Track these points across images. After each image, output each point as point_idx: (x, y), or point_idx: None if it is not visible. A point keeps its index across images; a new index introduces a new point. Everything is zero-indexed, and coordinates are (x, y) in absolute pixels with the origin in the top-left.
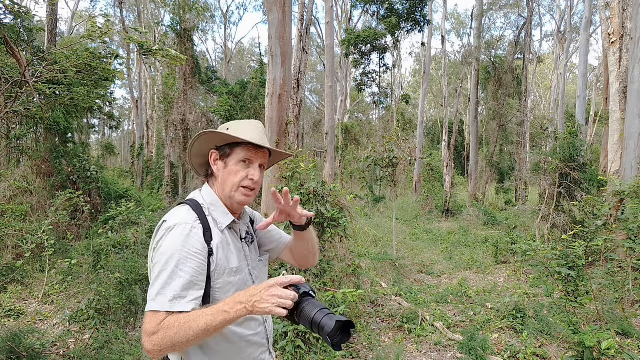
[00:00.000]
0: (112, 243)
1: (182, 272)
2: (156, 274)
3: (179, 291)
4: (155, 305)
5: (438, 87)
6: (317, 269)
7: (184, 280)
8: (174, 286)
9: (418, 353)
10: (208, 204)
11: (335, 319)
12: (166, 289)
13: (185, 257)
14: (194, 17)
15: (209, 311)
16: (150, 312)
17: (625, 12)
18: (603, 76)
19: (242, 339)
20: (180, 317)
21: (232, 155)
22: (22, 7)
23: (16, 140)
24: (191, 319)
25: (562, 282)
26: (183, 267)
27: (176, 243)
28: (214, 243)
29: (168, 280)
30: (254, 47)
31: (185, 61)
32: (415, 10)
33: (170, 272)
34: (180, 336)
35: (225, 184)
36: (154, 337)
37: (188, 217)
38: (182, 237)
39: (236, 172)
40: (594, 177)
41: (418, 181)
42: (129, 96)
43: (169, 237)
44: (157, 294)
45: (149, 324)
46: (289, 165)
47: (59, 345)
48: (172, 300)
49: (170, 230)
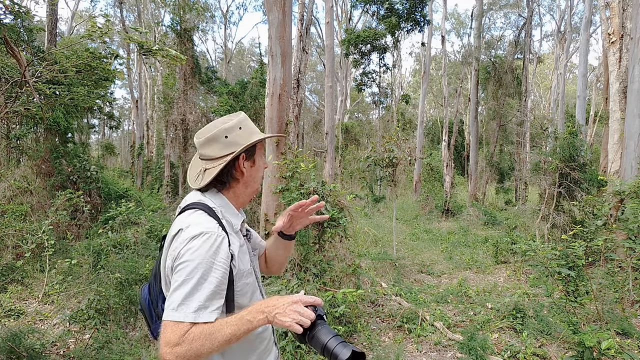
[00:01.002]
0: (112, 243)
1: (207, 283)
2: (178, 282)
3: (203, 301)
4: (178, 315)
5: (438, 87)
6: (317, 269)
7: (208, 290)
8: (198, 297)
9: (418, 353)
10: (219, 207)
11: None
12: (190, 300)
13: (212, 268)
14: (194, 17)
15: (232, 320)
16: (172, 322)
17: (625, 12)
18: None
19: (257, 336)
20: (204, 327)
21: (257, 152)
22: (22, 7)
23: (16, 140)
24: (216, 330)
25: (562, 282)
26: (208, 277)
27: (202, 252)
28: (233, 247)
29: (192, 291)
30: (254, 47)
31: (185, 61)
32: (415, 10)
33: (195, 283)
34: (205, 347)
35: (254, 180)
36: (178, 348)
37: (211, 224)
38: (207, 247)
39: (261, 166)
40: (594, 177)
41: (418, 181)
42: (129, 96)
43: (195, 246)
44: (180, 304)
45: (171, 335)
46: (289, 165)
47: (59, 345)
48: (197, 311)
49: (195, 239)
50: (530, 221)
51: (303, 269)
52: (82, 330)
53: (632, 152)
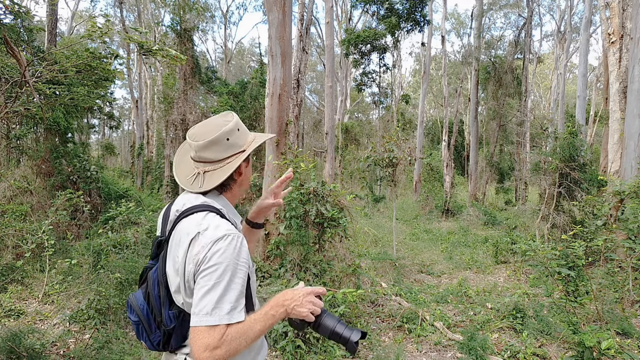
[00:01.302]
0: (112, 243)
1: (235, 285)
2: (209, 286)
3: (234, 302)
4: (214, 319)
5: (438, 87)
6: (317, 269)
7: (237, 291)
8: (229, 298)
9: (418, 353)
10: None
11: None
12: (223, 302)
13: (237, 269)
14: (194, 17)
15: (258, 317)
16: (208, 327)
17: (625, 12)
18: (603, 76)
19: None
20: (239, 327)
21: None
22: (22, 7)
23: (16, 140)
24: (247, 328)
25: (562, 282)
26: (236, 278)
27: (228, 255)
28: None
29: (224, 293)
30: (254, 47)
31: (185, 61)
32: (415, 10)
33: (226, 285)
34: (241, 346)
35: (247, 179)
36: (217, 351)
37: (229, 226)
38: (232, 248)
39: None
40: (594, 177)
41: (418, 181)
42: (129, 96)
43: (221, 249)
44: (214, 308)
45: (210, 339)
46: (289, 165)
47: (59, 345)
48: (230, 312)
49: (219, 241)
50: (530, 221)
51: (303, 269)
52: (82, 330)
53: (632, 152)
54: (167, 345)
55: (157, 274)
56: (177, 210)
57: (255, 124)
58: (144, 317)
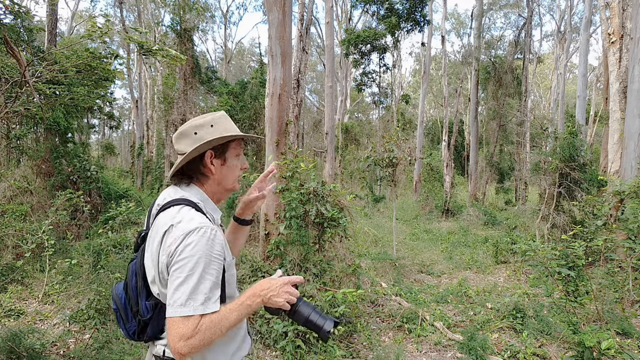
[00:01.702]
0: (112, 243)
1: (209, 276)
2: (182, 278)
3: (208, 293)
4: (187, 310)
5: (438, 87)
6: (317, 269)
7: (210, 282)
8: (202, 289)
9: (418, 353)
10: (201, 202)
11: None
12: (196, 293)
13: (211, 260)
14: (194, 17)
15: (233, 306)
16: (182, 317)
17: (625, 12)
18: (603, 76)
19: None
20: (213, 317)
21: (229, 152)
22: (22, 7)
23: (16, 140)
24: (222, 317)
25: (562, 282)
26: (209, 269)
27: (201, 247)
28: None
29: (197, 284)
30: (254, 47)
31: (185, 61)
32: (415, 10)
33: (199, 276)
34: (216, 335)
35: (226, 180)
36: (192, 340)
37: (203, 219)
38: (205, 241)
39: (235, 166)
40: (594, 177)
41: (418, 181)
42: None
43: (193, 241)
44: (188, 299)
45: (184, 329)
46: (289, 165)
47: (59, 345)
48: (204, 302)
49: (192, 234)
50: (530, 221)
51: (303, 269)
52: (82, 330)
53: (632, 152)
54: (142, 335)
55: (136, 265)
56: (158, 204)
57: (255, 124)
58: (121, 306)
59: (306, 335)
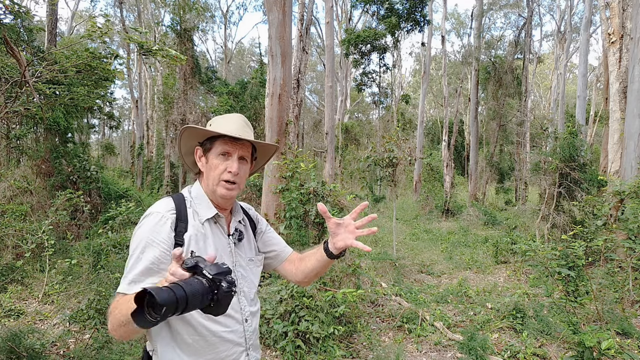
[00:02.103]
0: (112, 243)
1: (144, 259)
2: (127, 258)
3: (138, 276)
4: (120, 287)
5: (438, 87)
6: None
7: (143, 266)
8: (134, 271)
9: (418, 353)
10: (192, 197)
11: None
12: (129, 274)
13: (150, 245)
14: (194, 17)
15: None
16: (116, 294)
17: (625, 12)
18: (603, 76)
19: (214, 334)
20: (121, 299)
21: (212, 150)
22: (22, 7)
23: (16, 140)
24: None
25: (562, 282)
26: (146, 254)
27: (144, 230)
28: (186, 235)
29: (133, 265)
30: (254, 47)
31: (185, 61)
32: (415, 10)
33: (136, 258)
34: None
35: (208, 179)
36: (110, 317)
37: (163, 207)
38: (150, 226)
39: (216, 165)
40: (594, 177)
41: (418, 181)
42: (129, 96)
43: (141, 225)
44: (123, 277)
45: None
46: (289, 165)
47: (59, 345)
48: (130, 283)
49: (143, 219)
50: (530, 221)
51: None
52: (82, 330)
53: (632, 152)
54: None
55: None
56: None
57: (255, 124)
58: None
59: (306, 335)
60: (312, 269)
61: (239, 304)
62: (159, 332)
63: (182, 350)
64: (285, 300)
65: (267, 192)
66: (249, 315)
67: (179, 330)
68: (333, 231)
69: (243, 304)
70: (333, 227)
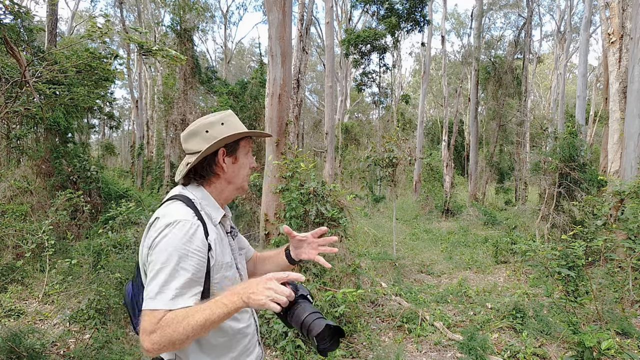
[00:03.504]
0: (112, 243)
1: (183, 271)
2: (155, 271)
3: (180, 289)
4: (156, 304)
5: (438, 87)
6: (317, 269)
7: (185, 278)
8: (175, 284)
9: (418, 353)
10: (199, 199)
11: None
12: (167, 287)
13: (187, 255)
14: (194, 17)
15: (206, 305)
16: (149, 310)
17: (625, 12)
18: (603, 76)
19: (239, 331)
20: (178, 313)
21: (240, 149)
22: (22, 7)
23: (16, 140)
24: (189, 315)
25: (562, 282)
26: (184, 265)
27: (176, 240)
28: (210, 238)
29: (169, 279)
30: (254, 47)
31: (185, 61)
32: (415, 10)
33: (171, 270)
34: (178, 333)
35: (236, 177)
36: (153, 335)
37: (187, 213)
38: (182, 234)
39: (246, 164)
40: (594, 177)
41: (418, 181)
42: (129, 96)
43: (170, 235)
44: (158, 292)
45: (148, 323)
46: (289, 165)
47: (59, 345)
48: (174, 298)
49: (170, 227)
50: (530, 221)
51: (303, 268)
52: (82, 330)
53: (632, 152)
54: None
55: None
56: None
57: (255, 124)
58: (128, 302)
59: None
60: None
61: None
62: None
63: (208, 354)
64: None
65: (267, 192)
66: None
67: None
68: (296, 245)
69: None
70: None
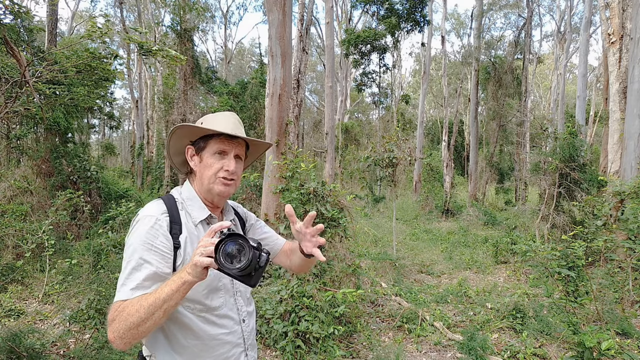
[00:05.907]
0: (112, 243)
1: (147, 264)
2: (123, 266)
3: (143, 281)
4: (119, 295)
5: (438, 87)
6: (317, 269)
7: (149, 271)
8: (138, 276)
9: (418, 353)
10: (184, 199)
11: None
12: (130, 279)
13: (150, 250)
14: (194, 17)
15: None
16: (114, 302)
17: (625, 12)
18: (603, 76)
19: (213, 337)
20: (134, 299)
21: (206, 149)
22: (22, 7)
23: (16, 140)
24: (143, 298)
25: (562, 282)
26: (148, 258)
27: (142, 235)
28: (182, 237)
29: (132, 271)
30: (254, 47)
31: (185, 61)
32: (415, 11)
33: (135, 264)
34: (132, 315)
35: (202, 178)
36: (113, 324)
37: (155, 209)
38: (147, 229)
39: (211, 164)
40: (594, 177)
41: (418, 181)
42: (129, 96)
43: (135, 230)
44: (122, 284)
45: (110, 314)
46: (289, 166)
47: (59, 345)
48: (134, 289)
49: (136, 223)
50: (530, 221)
51: None
52: (82, 330)
53: (632, 152)
54: None
55: None
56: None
57: (255, 124)
58: None
59: (306, 336)
60: (299, 265)
61: (235, 304)
62: (155, 337)
63: (180, 355)
64: (285, 300)
65: (267, 192)
66: (246, 316)
67: (175, 334)
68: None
69: (240, 304)
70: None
